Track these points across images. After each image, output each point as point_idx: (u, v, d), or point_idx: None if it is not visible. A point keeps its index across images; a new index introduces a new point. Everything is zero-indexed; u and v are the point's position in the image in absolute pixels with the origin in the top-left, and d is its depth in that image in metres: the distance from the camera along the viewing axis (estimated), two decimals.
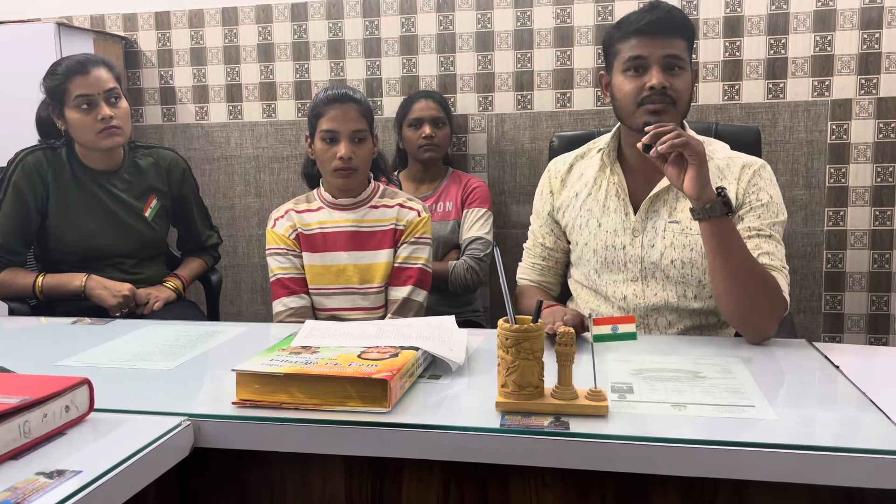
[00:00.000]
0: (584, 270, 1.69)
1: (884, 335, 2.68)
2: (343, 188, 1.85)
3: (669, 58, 1.53)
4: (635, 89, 1.54)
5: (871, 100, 2.57)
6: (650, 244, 1.60)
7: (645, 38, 1.53)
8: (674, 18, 1.55)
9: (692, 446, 0.94)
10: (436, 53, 2.83)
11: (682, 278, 1.58)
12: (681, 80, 1.54)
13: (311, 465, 1.07)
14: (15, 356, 1.42)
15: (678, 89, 1.53)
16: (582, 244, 1.68)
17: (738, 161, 1.61)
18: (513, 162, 2.82)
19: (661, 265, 1.59)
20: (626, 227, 1.62)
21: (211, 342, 1.49)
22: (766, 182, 1.58)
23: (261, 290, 3.09)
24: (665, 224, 1.59)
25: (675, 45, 1.54)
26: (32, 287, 2.03)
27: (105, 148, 2.05)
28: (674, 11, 1.56)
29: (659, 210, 1.61)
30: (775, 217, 1.55)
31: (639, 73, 1.54)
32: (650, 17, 1.53)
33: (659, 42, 1.53)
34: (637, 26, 1.54)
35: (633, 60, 1.54)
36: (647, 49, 1.53)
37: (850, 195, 2.64)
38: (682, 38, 1.56)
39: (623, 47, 1.56)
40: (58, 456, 0.92)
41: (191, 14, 2.99)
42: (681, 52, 1.55)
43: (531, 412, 1.04)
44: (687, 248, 1.57)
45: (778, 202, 1.57)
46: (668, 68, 1.53)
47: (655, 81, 1.51)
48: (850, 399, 1.11)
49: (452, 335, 1.36)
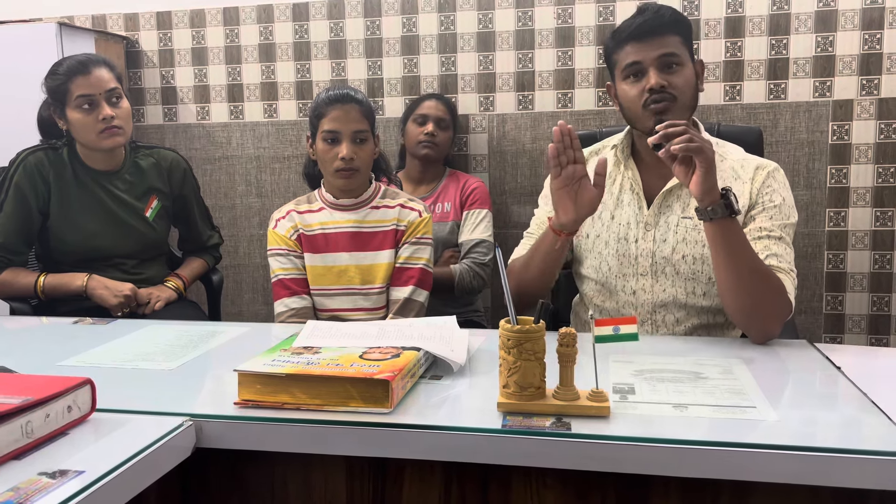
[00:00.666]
0: (594, 263, 1.69)
1: (885, 336, 2.68)
2: (344, 189, 1.85)
3: (664, 56, 1.55)
4: (637, 94, 1.57)
5: (873, 100, 2.57)
6: (662, 239, 1.61)
7: (637, 43, 1.57)
8: (662, 17, 1.57)
9: (694, 447, 0.94)
10: (437, 53, 2.83)
11: (692, 274, 1.59)
12: (679, 77, 1.56)
13: (313, 465, 1.07)
14: (17, 356, 1.42)
15: (677, 85, 1.55)
16: (594, 236, 1.68)
17: (753, 162, 1.63)
18: (514, 162, 2.82)
19: (672, 260, 1.60)
20: (640, 221, 1.63)
21: (212, 342, 1.50)
22: (779, 184, 1.59)
23: (262, 290, 3.09)
24: (678, 219, 1.61)
25: (667, 43, 1.56)
26: (34, 287, 2.03)
27: (106, 148, 2.05)
28: (662, 10, 1.59)
29: (672, 205, 1.62)
30: (786, 219, 1.55)
31: (638, 77, 1.58)
32: (639, 21, 1.57)
33: (651, 44, 1.56)
34: (628, 33, 1.58)
35: (630, 67, 1.58)
36: (640, 53, 1.56)
37: (852, 196, 2.64)
38: (675, 34, 1.58)
39: (620, 56, 1.60)
40: (60, 456, 0.92)
41: (192, 14, 2.99)
42: (675, 49, 1.56)
43: (532, 413, 1.04)
44: (699, 245, 1.58)
45: (790, 205, 1.58)
46: (665, 67, 1.56)
47: (654, 82, 1.54)
48: (852, 400, 1.11)
49: (454, 336, 1.36)
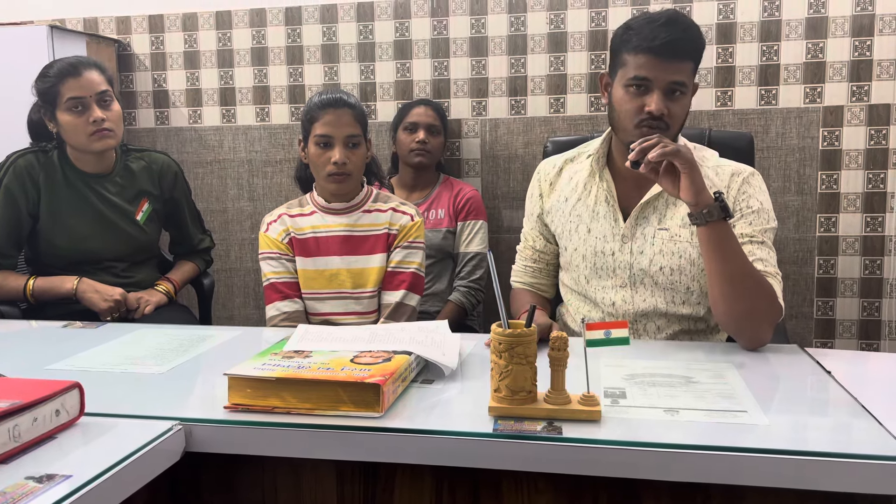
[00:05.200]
0: (573, 275, 1.69)
1: (875, 341, 2.69)
2: (337, 193, 1.85)
3: (674, 84, 1.49)
4: (635, 109, 1.51)
5: (863, 107, 2.59)
6: (639, 251, 1.60)
7: (654, 58, 1.48)
8: (689, 41, 1.50)
9: (684, 451, 0.94)
10: (430, 58, 2.84)
11: (670, 285, 1.59)
12: (679, 105, 1.52)
13: (303, 469, 1.06)
14: (5, 360, 1.41)
15: (675, 114, 1.51)
16: (571, 249, 1.68)
17: (728, 169, 1.60)
18: (506, 167, 2.83)
19: (649, 272, 1.59)
20: (616, 234, 1.62)
21: (203, 346, 1.49)
22: (755, 189, 1.58)
23: (253, 294, 3.08)
24: (654, 231, 1.59)
25: (682, 69, 1.50)
26: (23, 290, 2.02)
27: (97, 150, 2.04)
28: (690, 31, 1.50)
29: (649, 217, 1.61)
30: (766, 224, 1.55)
31: (640, 91, 1.50)
32: (665, 35, 1.46)
33: (667, 66, 1.48)
34: (650, 44, 1.47)
35: (637, 80, 1.50)
36: (653, 72, 1.48)
37: (842, 201, 2.65)
38: (691, 61, 1.52)
39: (630, 60, 1.51)
40: (48, 460, 0.91)
41: (184, 17, 2.99)
42: (686, 78, 1.51)
43: (524, 417, 1.04)
44: (676, 256, 1.57)
45: (768, 209, 1.57)
46: (670, 93, 1.50)
47: (655, 108, 1.48)
48: (842, 405, 1.11)
49: (445, 340, 1.36)
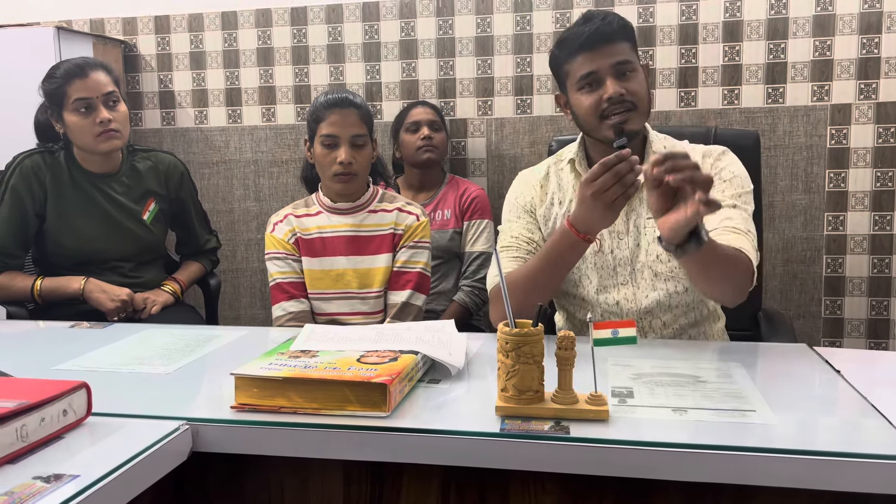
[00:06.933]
0: (573, 279, 1.64)
1: (884, 340, 2.67)
2: (342, 193, 1.85)
3: (619, 64, 1.53)
4: (594, 103, 1.53)
5: (871, 104, 2.58)
6: (635, 243, 1.59)
7: (589, 52, 1.53)
8: (611, 25, 1.54)
9: (693, 451, 0.93)
10: (435, 58, 2.83)
11: (670, 272, 1.57)
12: (635, 83, 1.54)
13: (310, 469, 1.06)
14: (13, 360, 1.41)
15: (635, 92, 1.53)
16: None
17: (699, 151, 1.61)
18: (512, 166, 2.82)
19: (648, 262, 1.58)
20: (611, 231, 1.61)
21: (209, 346, 1.49)
22: (726, 162, 1.59)
23: (259, 294, 3.09)
24: (644, 221, 1.59)
25: (619, 50, 1.53)
26: (31, 290, 2.03)
27: (103, 151, 2.05)
28: (609, 17, 1.55)
29: (636, 208, 1.60)
30: (739, 188, 1.55)
31: (593, 87, 1.54)
32: (588, 30, 1.53)
33: (604, 52, 1.52)
34: (579, 42, 1.54)
35: (585, 77, 1.54)
36: (595, 63, 1.53)
37: (850, 200, 2.64)
38: (625, 41, 1.55)
39: (572, 67, 1.56)
40: (55, 460, 0.91)
41: (190, 18, 2.99)
42: (627, 56, 1.54)
43: (531, 417, 1.03)
44: None
45: (742, 175, 1.58)
46: (620, 74, 1.53)
47: (612, 91, 1.51)
48: (852, 404, 1.11)
49: (452, 339, 1.36)
